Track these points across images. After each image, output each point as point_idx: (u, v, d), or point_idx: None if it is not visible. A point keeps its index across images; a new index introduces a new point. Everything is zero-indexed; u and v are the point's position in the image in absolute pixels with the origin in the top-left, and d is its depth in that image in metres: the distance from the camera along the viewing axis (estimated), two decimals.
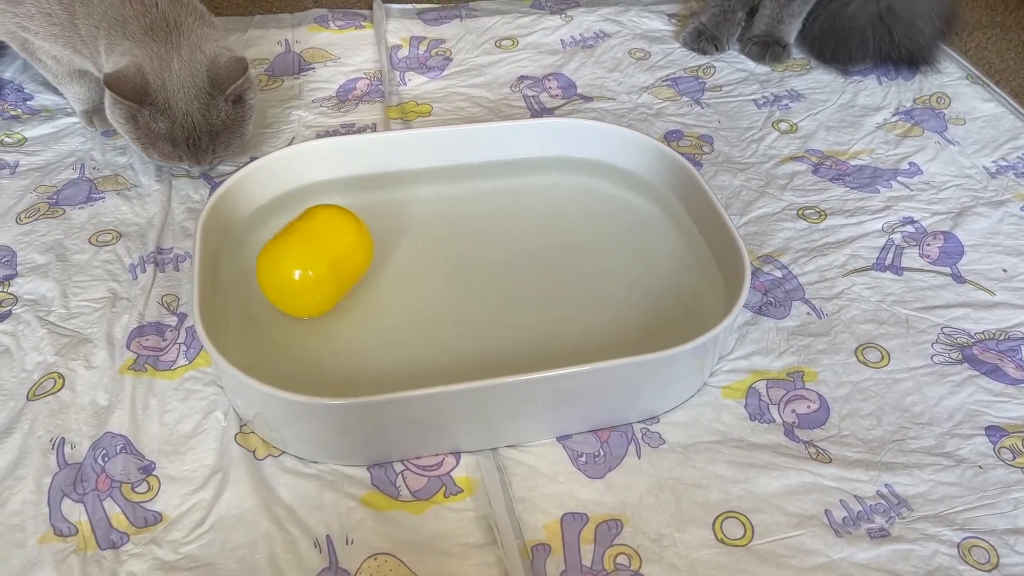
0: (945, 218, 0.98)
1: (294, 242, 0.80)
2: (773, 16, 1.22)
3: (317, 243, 0.80)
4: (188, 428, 0.75)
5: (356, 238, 0.82)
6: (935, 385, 0.80)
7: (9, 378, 0.78)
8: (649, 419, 0.77)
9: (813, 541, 0.68)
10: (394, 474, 0.72)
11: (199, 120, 0.91)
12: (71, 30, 0.93)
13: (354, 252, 0.82)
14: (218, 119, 0.92)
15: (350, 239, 0.82)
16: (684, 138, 1.09)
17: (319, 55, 1.21)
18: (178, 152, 0.92)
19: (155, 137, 0.91)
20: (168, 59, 0.89)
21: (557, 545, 0.68)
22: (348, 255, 0.82)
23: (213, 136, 0.93)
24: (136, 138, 0.92)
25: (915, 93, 1.17)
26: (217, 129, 0.93)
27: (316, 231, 0.81)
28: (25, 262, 0.89)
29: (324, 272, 0.79)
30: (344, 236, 0.82)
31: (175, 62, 0.90)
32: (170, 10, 0.92)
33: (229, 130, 0.94)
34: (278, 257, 0.79)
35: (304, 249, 0.80)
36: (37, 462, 0.71)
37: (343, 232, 0.82)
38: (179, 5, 0.93)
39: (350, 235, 0.82)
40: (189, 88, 0.90)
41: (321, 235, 0.81)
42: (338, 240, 0.81)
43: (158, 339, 0.82)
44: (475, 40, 1.25)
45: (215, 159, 0.96)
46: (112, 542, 0.67)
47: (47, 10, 0.93)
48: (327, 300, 0.81)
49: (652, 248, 0.91)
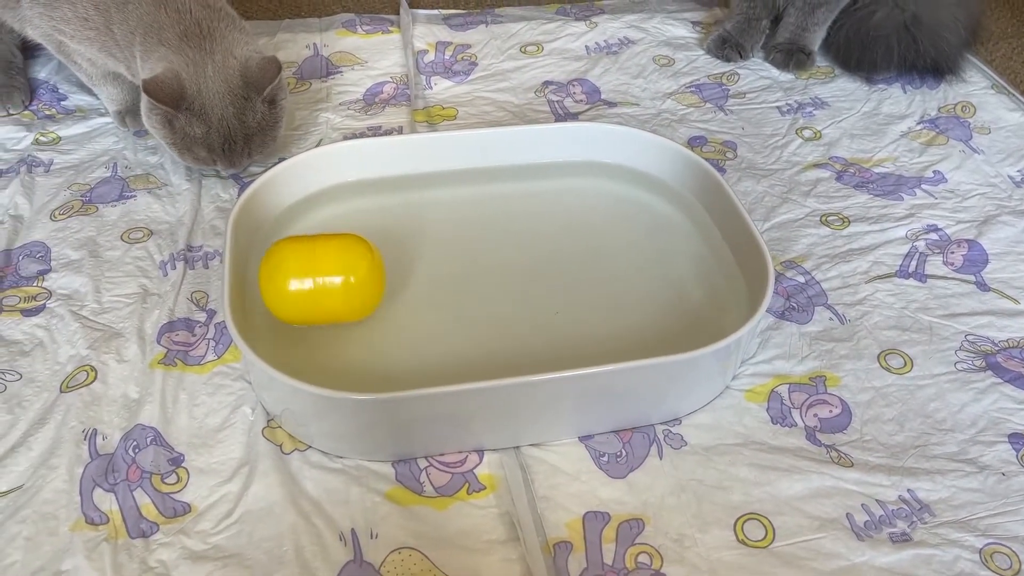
0: (970, 226, 0.98)
1: (298, 255, 0.78)
2: (798, 24, 1.22)
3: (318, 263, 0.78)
4: (216, 422, 0.76)
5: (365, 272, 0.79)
6: (958, 392, 0.80)
7: (43, 370, 0.79)
8: (671, 421, 0.77)
9: (834, 544, 0.68)
10: (418, 470, 0.73)
11: (234, 124, 0.93)
12: (106, 34, 0.95)
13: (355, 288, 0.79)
14: (253, 121, 0.94)
15: (360, 274, 0.78)
16: (708, 144, 1.09)
17: (347, 59, 1.23)
18: (213, 156, 0.95)
19: (191, 141, 0.93)
20: (203, 64, 0.91)
21: (579, 543, 0.68)
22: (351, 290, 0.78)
23: (248, 139, 0.95)
24: (172, 143, 0.94)
25: (940, 102, 1.17)
26: (252, 132, 0.94)
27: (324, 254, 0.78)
28: (59, 258, 0.90)
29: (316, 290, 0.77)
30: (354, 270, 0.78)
31: (209, 67, 0.91)
32: (203, 16, 0.94)
33: (263, 132, 0.96)
34: (279, 268, 0.78)
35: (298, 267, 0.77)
36: (70, 452, 0.73)
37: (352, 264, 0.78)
38: (211, 11, 0.95)
39: (360, 270, 0.78)
40: (224, 93, 0.92)
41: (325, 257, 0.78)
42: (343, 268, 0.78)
43: (188, 334, 0.83)
44: (500, 45, 1.26)
45: (249, 162, 0.97)
46: (142, 531, 0.68)
47: (83, 15, 0.95)
48: (307, 312, 0.79)
49: (675, 252, 0.92)
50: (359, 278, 0.78)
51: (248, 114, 0.93)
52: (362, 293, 0.79)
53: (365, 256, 0.79)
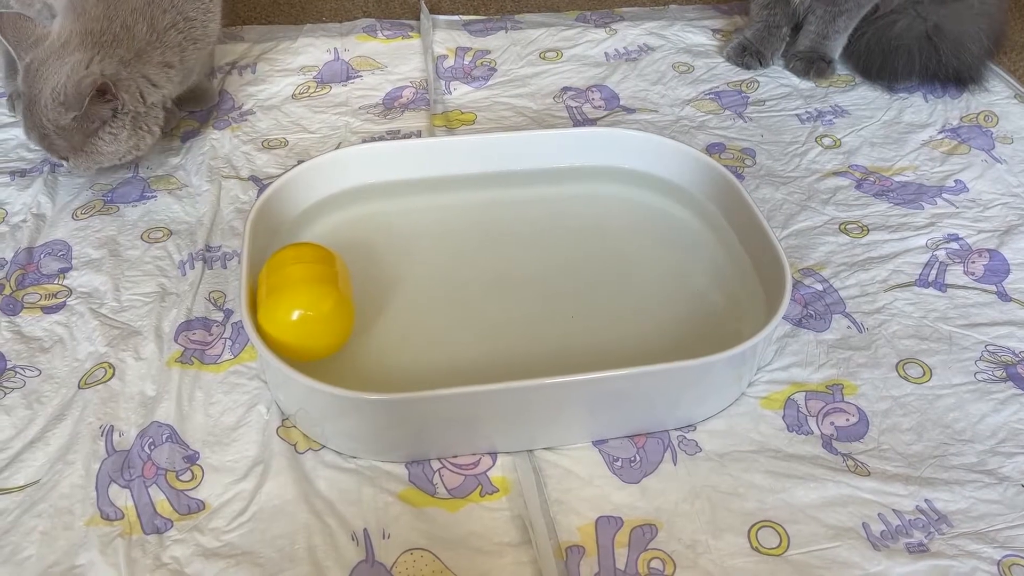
0: (991, 236, 0.97)
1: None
2: (819, 32, 1.22)
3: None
4: (232, 420, 0.76)
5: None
6: (978, 402, 0.79)
7: (62, 366, 0.80)
8: (686, 427, 0.77)
9: (850, 553, 0.68)
10: (431, 471, 0.73)
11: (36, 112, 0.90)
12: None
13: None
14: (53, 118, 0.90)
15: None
16: (726, 151, 1.09)
17: (367, 63, 1.24)
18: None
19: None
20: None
21: (591, 547, 0.68)
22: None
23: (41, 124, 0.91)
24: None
25: (962, 111, 1.16)
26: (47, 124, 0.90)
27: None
28: (80, 256, 0.91)
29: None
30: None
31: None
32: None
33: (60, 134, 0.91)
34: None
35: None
36: (86, 448, 0.73)
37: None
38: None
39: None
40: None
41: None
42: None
43: (205, 333, 0.84)
44: (520, 52, 1.27)
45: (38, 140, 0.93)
46: (156, 527, 0.68)
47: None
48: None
49: (692, 258, 0.91)
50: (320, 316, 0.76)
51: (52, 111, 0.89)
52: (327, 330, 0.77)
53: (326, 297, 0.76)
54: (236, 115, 1.13)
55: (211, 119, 1.12)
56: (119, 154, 0.95)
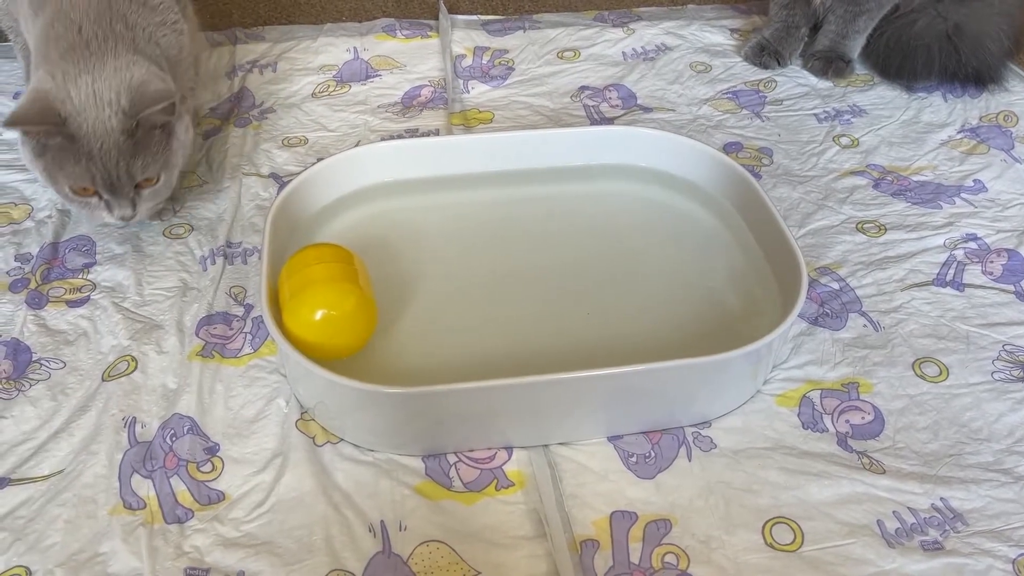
0: (1010, 236, 0.96)
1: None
2: (838, 32, 1.22)
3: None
4: (251, 413, 0.77)
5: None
6: (995, 402, 0.79)
7: (86, 359, 0.82)
8: (701, 423, 0.77)
9: (864, 551, 0.68)
10: (448, 465, 0.73)
11: (112, 149, 0.82)
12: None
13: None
14: (132, 144, 0.83)
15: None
16: (743, 150, 1.09)
17: (386, 63, 1.25)
18: (91, 173, 0.82)
19: (64, 162, 0.82)
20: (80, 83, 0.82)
21: (606, 541, 0.68)
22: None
23: (129, 164, 0.83)
24: (48, 174, 0.84)
25: (981, 111, 1.16)
26: (131, 155, 0.83)
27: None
28: (104, 251, 0.93)
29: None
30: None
31: (85, 86, 0.82)
32: (94, 32, 0.85)
33: (145, 155, 0.84)
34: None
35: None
36: (110, 439, 0.75)
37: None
38: (107, 27, 0.87)
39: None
40: (105, 116, 0.82)
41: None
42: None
43: (225, 328, 0.85)
44: (537, 51, 1.27)
45: (132, 191, 0.86)
46: (177, 517, 0.70)
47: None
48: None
49: (709, 256, 0.92)
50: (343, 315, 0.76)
51: (126, 136, 0.83)
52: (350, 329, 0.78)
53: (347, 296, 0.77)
54: (257, 113, 1.14)
55: (232, 117, 1.13)
56: (188, 147, 0.92)
